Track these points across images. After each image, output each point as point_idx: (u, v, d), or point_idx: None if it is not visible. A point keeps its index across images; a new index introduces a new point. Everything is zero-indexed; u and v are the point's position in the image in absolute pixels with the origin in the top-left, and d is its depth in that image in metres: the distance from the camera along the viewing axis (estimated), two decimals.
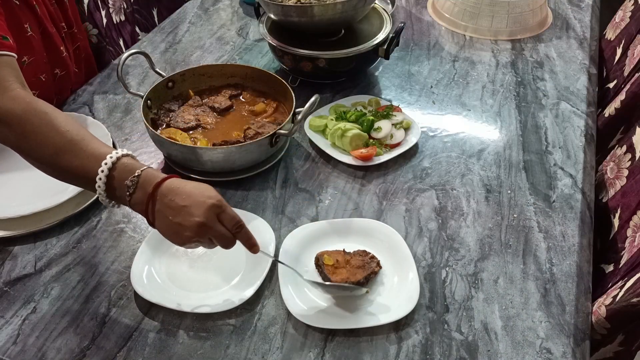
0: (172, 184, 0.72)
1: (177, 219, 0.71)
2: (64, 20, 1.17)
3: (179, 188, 0.72)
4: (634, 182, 0.96)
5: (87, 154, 0.73)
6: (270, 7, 1.15)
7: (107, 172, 0.71)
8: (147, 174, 0.72)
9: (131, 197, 0.72)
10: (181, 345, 0.76)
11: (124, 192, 0.72)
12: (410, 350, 0.76)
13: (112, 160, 0.72)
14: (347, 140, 1.04)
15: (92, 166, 0.72)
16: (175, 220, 0.71)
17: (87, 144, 0.74)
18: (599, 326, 0.82)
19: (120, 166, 0.72)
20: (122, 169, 0.72)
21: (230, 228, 0.73)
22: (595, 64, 1.36)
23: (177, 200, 0.71)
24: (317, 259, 0.86)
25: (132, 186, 0.71)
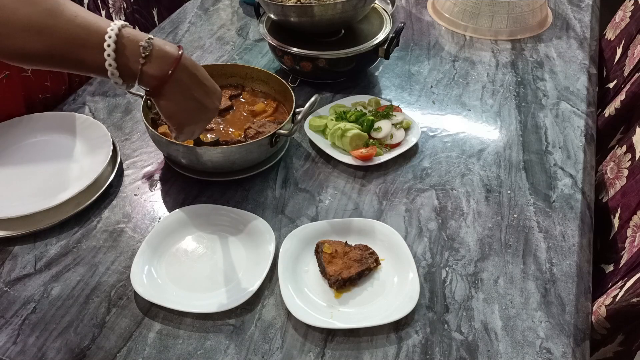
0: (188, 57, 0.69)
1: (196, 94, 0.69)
2: None
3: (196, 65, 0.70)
4: (634, 182, 0.96)
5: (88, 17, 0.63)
6: (270, 7, 1.15)
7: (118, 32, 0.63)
8: (158, 39, 0.67)
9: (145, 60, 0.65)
10: (181, 345, 0.76)
11: (137, 54, 0.64)
12: (410, 350, 0.76)
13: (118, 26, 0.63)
14: (347, 140, 1.04)
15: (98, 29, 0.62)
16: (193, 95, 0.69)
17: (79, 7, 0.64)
18: (599, 326, 0.82)
19: (129, 31, 0.64)
20: (131, 32, 0.64)
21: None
22: (595, 64, 1.36)
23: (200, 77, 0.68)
24: (318, 246, 0.86)
25: (147, 47, 0.64)
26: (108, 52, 0.63)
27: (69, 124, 1.08)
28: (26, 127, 1.08)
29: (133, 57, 0.64)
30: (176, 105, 0.69)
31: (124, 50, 0.64)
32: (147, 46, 0.64)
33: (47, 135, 1.07)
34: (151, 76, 0.67)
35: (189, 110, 0.69)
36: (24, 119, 1.09)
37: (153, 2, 1.64)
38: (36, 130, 1.07)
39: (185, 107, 0.69)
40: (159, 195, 0.99)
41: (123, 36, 0.64)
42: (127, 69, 0.65)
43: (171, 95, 0.68)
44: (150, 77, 0.67)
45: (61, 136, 1.07)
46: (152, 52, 0.65)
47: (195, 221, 0.92)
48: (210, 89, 0.72)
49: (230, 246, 0.89)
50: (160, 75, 0.66)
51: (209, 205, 0.94)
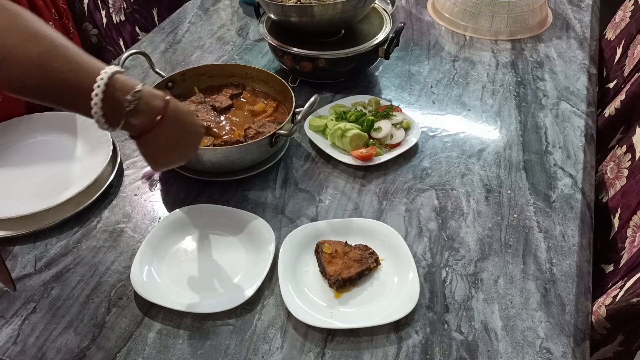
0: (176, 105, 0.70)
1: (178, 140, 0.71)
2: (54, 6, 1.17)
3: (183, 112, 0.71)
4: (634, 182, 0.96)
5: (81, 62, 0.63)
6: (270, 7, 1.15)
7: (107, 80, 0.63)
8: (149, 90, 0.67)
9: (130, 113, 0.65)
10: (181, 345, 0.76)
11: (122, 106, 0.64)
12: (410, 350, 0.76)
13: (113, 70, 0.64)
14: (347, 140, 1.04)
15: (88, 76, 0.63)
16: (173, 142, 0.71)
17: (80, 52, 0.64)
18: (599, 326, 0.82)
19: (120, 79, 0.64)
20: (121, 82, 0.64)
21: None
22: (595, 64, 1.36)
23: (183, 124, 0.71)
24: (318, 246, 0.86)
25: (133, 101, 0.64)
26: (95, 101, 0.63)
27: (69, 124, 1.09)
28: (26, 127, 1.08)
29: (119, 107, 0.65)
30: (155, 149, 0.71)
31: (111, 100, 0.64)
32: (132, 100, 0.65)
33: (47, 135, 1.07)
34: (134, 126, 0.67)
35: (168, 152, 0.72)
36: (24, 119, 1.09)
37: (153, 2, 1.64)
38: (36, 130, 1.07)
39: (164, 150, 0.71)
40: (159, 195, 0.99)
41: (112, 85, 0.64)
42: (112, 117, 0.66)
43: (152, 141, 0.69)
44: (133, 127, 0.68)
45: (61, 136, 1.07)
46: (138, 106, 0.66)
47: (195, 221, 0.92)
48: (192, 132, 0.73)
49: (230, 246, 0.89)
50: (143, 127, 0.67)
51: (209, 205, 0.94)
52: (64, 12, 1.20)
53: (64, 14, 1.20)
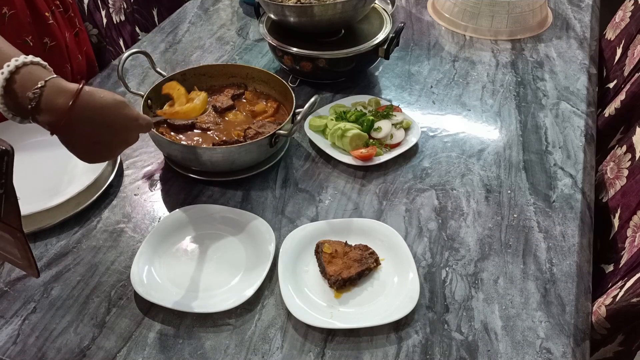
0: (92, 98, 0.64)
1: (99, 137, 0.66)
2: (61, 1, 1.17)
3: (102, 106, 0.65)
4: (634, 182, 0.96)
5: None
6: (270, 7, 1.15)
7: (8, 75, 0.61)
8: (54, 84, 0.63)
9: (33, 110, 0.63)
10: (181, 345, 0.76)
11: (26, 103, 0.62)
12: (410, 350, 0.76)
13: (17, 63, 0.62)
14: (347, 140, 1.04)
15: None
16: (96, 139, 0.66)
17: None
18: (599, 326, 0.82)
19: (26, 72, 0.62)
20: (27, 75, 0.62)
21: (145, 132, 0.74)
22: (595, 64, 1.36)
23: (103, 119, 0.65)
24: (318, 246, 0.86)
25: (34, 99, 0.62)
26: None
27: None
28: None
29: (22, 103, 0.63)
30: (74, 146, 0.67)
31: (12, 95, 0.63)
32: (32, 97, 0.62)
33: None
34: (42, 123, 0.65)
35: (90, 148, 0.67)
36: None
37: (153, 2, 1.64)
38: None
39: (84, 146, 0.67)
40: (159, 195, 0.99)
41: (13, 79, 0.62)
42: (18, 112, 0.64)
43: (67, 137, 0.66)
44: (42, 124, 0.65)
45: None
46: (39, 104, 0.63)
47: (195, 221, 0.92)
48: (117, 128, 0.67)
49: (230, 246, 0.89)
50: (51, 124, 0.65)
51: (209, 205, 0.94)
52: (69, 5, 1.20)
53: (70, 7, 1.20)
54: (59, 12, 1.16)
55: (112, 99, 0.67)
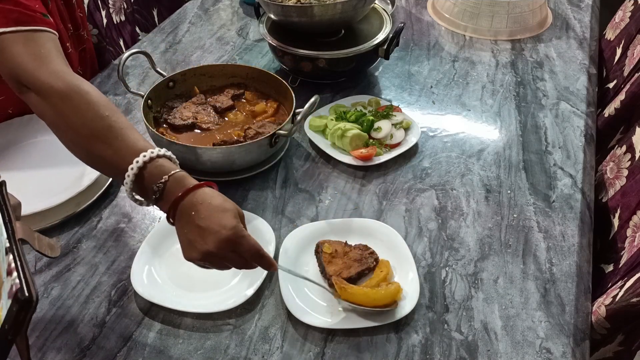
0: (197, 198, 0.67)
1: (191, 236, 0.67)
2: (71, 21, 1.16)
3: (202, 204, 0.67)
4: (633, 182, 0.96)
5: (122, 145, 0.69)
6: (270, 7, 1.15)
7: (137, 170, 0.68)
8: (176, 179, 0.68)
9: (157, 201, 0.69)
10: (181, 345, 0.76)
11: (151, 194, 0.69)
12: (410, 350, 0.76)
13: (145, 159, 0.68)
14: (347, 140, 1.04)
15: (125, 160, 0.68)
16: (189, 237, 0.67)
17: (125, 133, 0.70)
18: (598, 326, 0.82)
19: (153, 166, 0.68)
20: (153, 170, 0.68)
21: (248, 258, 0.69)
22: (595, 64, 1.36)
23: (196, 219, 0.66)
24: (318, 246, 0.86)
25: (157, 191, 0.68)
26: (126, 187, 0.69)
27: None
28: (26, 127, 1.08)
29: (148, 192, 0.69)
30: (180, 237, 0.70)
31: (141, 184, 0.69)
32: (156, 190, 0.68)
33: (47, 135, 1.07)
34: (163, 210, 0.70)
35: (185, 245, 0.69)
36: (24, 119, 1.09)
37: (153, 2, 1.64)
38: (36, 130, 1.07)
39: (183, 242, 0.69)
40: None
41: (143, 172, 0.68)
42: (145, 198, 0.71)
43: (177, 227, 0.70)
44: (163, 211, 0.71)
45: None
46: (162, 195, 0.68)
47: None
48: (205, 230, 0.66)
49: None
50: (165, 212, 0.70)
51: None
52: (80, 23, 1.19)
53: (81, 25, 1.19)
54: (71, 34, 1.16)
55: (220, 200, 0.69)
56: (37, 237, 0.64)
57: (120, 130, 0.70)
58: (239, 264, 0.69)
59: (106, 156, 0.70)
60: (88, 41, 1.24)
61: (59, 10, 1.10)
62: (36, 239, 0.64)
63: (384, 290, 0.78)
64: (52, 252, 0.67)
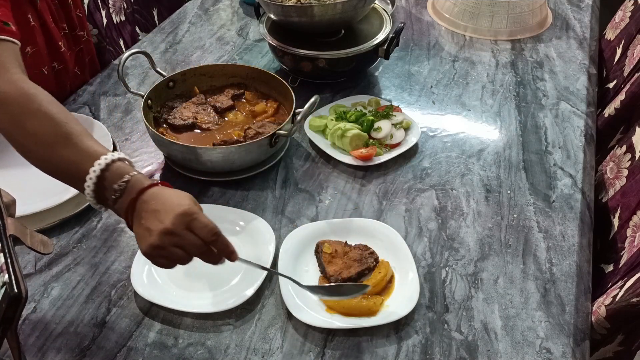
0: (155, 191, 0.68)
1: (147, 223, 0.67)
2: (67, 21, 1.16)
3: (159, 195, 0.68)
4: (633, 182, 0.96)
5: (82, 150, 0.70)
6: (270, 7, 1.15)
7: (100, 172, 0.68)
8: (136, 179, 0.69)
9: (116, 202, 0.69)
10: (181, 345, 0.76)
11: (110, 195, 0.69)
12: (410, 350, 0.76)
13: (107, 161, 0.69)
14: (347, 141, 1.04)
15: (85, 164, 0.69)
16: (145, 225, 0.67)
17: (83, 139, 0.71)
18: (598, 326, 0.82)
19: (114, 169, 0.69)
20: (114, 171, 0.69)
21: (204, 237, 0.68)
22: (595, 64, 1.36)
23: (152, 205, 0.67)
24: (318, 246, 0.86)
25: (118, 190, 0.68)
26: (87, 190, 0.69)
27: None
28: None
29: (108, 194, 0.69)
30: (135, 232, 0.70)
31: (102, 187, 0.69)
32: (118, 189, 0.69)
33: None
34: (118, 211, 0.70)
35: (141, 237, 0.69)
36: None
37: (153, 2, 1.64)
38: None
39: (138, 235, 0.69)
40: None
41: (104, 175, 0.69)
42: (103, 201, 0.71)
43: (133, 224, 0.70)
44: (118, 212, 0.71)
45: None
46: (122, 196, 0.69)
47: None
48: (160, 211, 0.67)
49: None
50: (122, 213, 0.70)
51: (209, 205, 0.94)
52: (77, 23, 1.19)
53: (77, 26, 1.19)
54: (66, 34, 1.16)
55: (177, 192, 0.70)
56: (30, 234, 0.65)
57: (79, 136, 0.71)
58: (196, 247, 0.69)
59: (67, 161, 0.70)
60: (88, 42, 1.24)
61: (51, 10, 1.10)
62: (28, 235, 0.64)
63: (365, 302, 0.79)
64: (45, 248, 0.67)
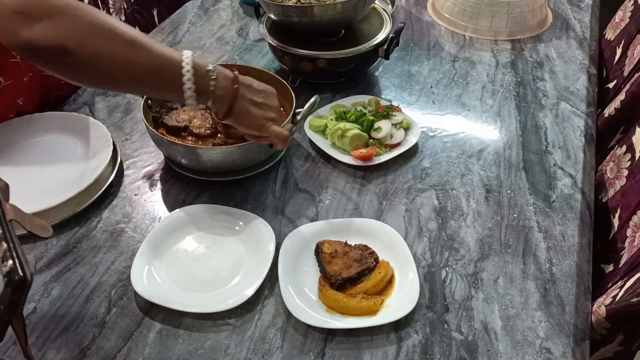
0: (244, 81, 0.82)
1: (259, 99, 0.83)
2: None
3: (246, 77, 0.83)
4: (633, 182, 0.96)
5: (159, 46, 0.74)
6: (270, 7, 1.15)
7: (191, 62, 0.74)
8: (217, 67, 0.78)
9: (216, 84, 0.76)
10: (181, 345, 0.76)
11: (208, 82, 0.76)
12: (410, 350, 0.76)
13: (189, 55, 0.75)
14: (347, 141, 1.04)
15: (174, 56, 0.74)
16: (259, 100, 0.82)
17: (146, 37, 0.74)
18: (598, 326, 0.82)
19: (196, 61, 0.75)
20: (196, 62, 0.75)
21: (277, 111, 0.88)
22: (595, 64, 1.36)
23: (255, 85, 0.83)
24: (318, 246, 0.86)
25: (214, 70, 0.76)
26: (188, 77, 0.74)
27: (69, 124, 1.08)
28: (26, 127, 1.08)
29: (205, 84, 0.76)
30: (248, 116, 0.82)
31: (198, 76, 0.75)
32: (213, 70, 0.76)
33: (47, 136, 1.07)
34: (221, 97, 0.79)
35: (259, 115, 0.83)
36: (24, 119, 1.09)
37: (153, 2, 1.64)
38: (36, 130, 1.07)
39: (255, 114, 0.83)
40: (159, 195, 0.99)
41: (195, 63, 0.75)
42: (201, 91, 0.77)
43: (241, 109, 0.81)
44: (220, 98, 0.79)
45: (61, 136, 1.07)
46: (218, 76, 0.77)
47: (195, 221, 0.92)
48: (267, 91, 0.85)
49: (230, 246, 0.89)
50: (228, 95, 0.79)
51: (209, 205, 0.94)
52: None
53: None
54: None
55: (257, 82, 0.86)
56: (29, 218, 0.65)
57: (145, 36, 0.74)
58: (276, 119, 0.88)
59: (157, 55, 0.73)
60: None
61: None
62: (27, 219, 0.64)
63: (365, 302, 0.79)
64: (45, 232, 0.67)
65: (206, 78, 0.76)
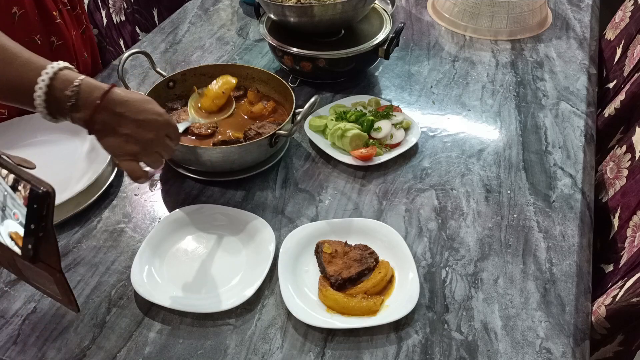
0: (119, 95, 0.71)
1: (125, 130, 0.72)
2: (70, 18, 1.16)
3: (128, 100, 0.71)
4: (633, 182, 0.96)
5: (24, 63, 0.68)
6: (270, 7, 1.15)
7: (48, 81, 0.67)
8: (88, 83, 0.69)
9: (73, 109, 0.69)
10: (181, 345, 0.76)
11: (65, 103, 0.69)
12: (410, 350, 0.76)
13: (54, 70, 0.68)
14: (347, 141, 1.04)
15: (31, 75, 0.67)
16: (123, 132, 0.72)
17: (24, 53, 0.69)
18: (598, 326, 0.82)
19: (61, 76, 0.68)
20: (63, 79, 0.68)
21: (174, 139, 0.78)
22: (595, 64, 1.36)
23: (129, 113, 0.71)
24: (318, 246, 0.86)
25: (72, 96, 0.68)
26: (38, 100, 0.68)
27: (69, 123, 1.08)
28: (26, 127, 1.08)
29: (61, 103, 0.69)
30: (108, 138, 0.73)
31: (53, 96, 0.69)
32: (71, 95, 0.69)
33: (47, 135, 1.07)
34: (79, 120, 0.71)
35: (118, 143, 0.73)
36: (24, 119, 1.09)
37: (153, 2, 1.64)
38: (36, 130, 1.07)
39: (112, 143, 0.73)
40: (159, 195, 0.99)
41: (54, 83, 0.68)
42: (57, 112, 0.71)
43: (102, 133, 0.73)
44: (79, 121, 0.71)
45: (61, 136, 1.07)
46: (78, 101, 0.69)
47: (195, 221, 0.92)
48: (145, 122, 0.73)
49: (230, 246, 0.89)
50: (85, 119, 0.71)
51: (209, 205, 0.94)
52: (77, 3, 1.20)
53: (77, 5, 1.20)
54: (66, 11, 1.16)
55: (138, 95, 0.75)
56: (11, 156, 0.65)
57: (20, 51, 0.69)
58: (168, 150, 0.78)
59: (9, 76, 0.68)
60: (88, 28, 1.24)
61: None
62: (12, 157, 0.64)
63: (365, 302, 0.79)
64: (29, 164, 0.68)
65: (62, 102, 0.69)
